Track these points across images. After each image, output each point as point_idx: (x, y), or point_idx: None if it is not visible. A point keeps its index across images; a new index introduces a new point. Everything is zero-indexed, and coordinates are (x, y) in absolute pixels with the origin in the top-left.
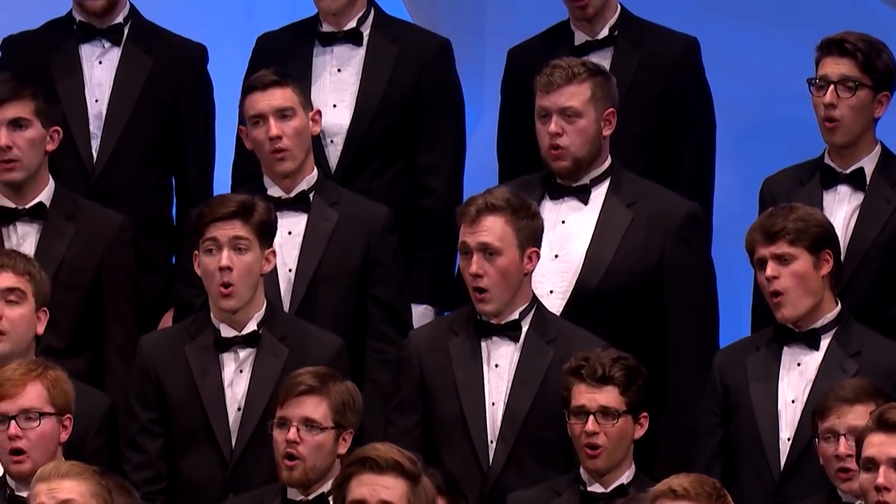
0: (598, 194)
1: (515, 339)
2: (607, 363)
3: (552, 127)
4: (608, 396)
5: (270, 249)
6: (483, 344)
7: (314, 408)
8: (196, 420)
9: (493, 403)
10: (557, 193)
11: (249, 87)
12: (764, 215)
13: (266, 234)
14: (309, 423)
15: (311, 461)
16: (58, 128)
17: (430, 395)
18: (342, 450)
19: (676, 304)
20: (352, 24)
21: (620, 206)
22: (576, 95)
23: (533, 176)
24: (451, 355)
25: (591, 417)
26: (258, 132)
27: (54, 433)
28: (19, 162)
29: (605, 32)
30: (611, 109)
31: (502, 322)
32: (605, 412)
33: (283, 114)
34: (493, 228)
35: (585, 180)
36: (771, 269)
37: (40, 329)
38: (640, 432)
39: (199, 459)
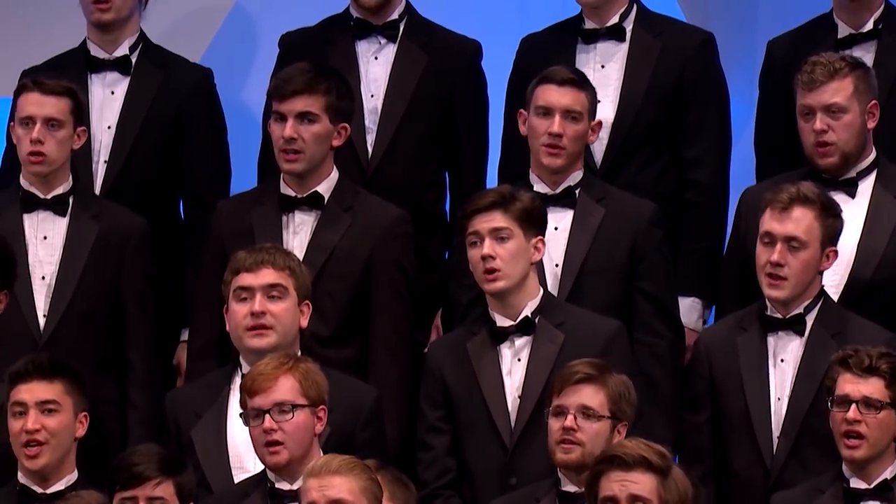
0: (866, 187)
1: (801, 333)
2: (875, 355)
3: (818, 124)
4: (873, 387)
5: (538, 238)
6: (770, 339)
7: (591, 396)
8: (478, 410)
9: (779, 399)
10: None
11: (545, 78)
12: None
13: (530, 222)
14: (586, 411)
15: (590, 447)
16: (346, 124)
17: (718, 392)
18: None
19: None
20: (614, 19)
21: (889, 197)
22: (840, 91)
23: (794, 172)
24: (738, 351)
25: (854, 406)
26: (540, 122)
27: (309, 424)
28: (302, 154)
29: (869, 25)
30: (874, 102)
31: (788, 316)
32: (867, 402)
33: (570, 114)
34: (802, 221)
35: (852, 173)
36: None
37: (304, 322)
38: None
39: (480, 448)
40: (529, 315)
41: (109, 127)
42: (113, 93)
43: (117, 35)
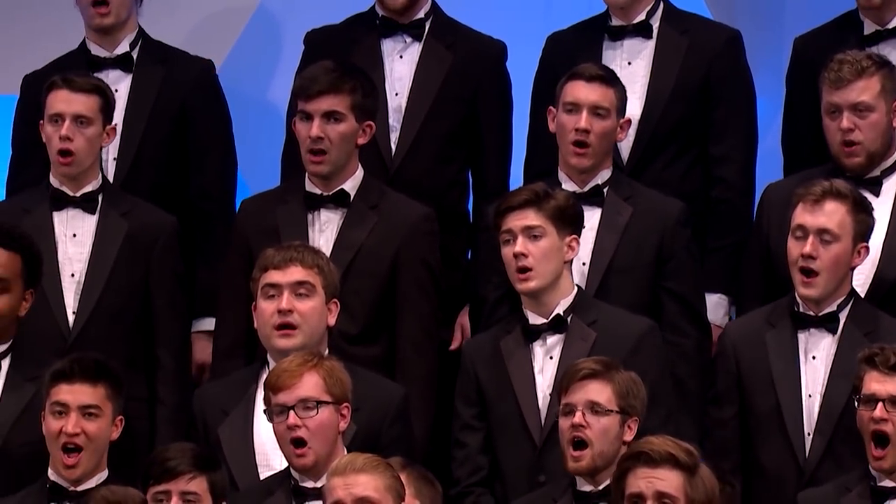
0: (890, 185)
1: (833, 331)
2: None
3: (844, 123)
4: None
5: (573, 237)
6: (800, 336)
7: (598, 391)
8: (509, 408)
9: (810, 396)
10: None
11: (574, 74)
12: None
13: (564, 220)
14: (594, 407)
15: (599, 446)
16: (371, 122)
17: (745, 388)
18: (628, 437)
19: None
20: (641, 16)
21: None
22: (867, 90)
23: (817, 169)
24: (767, 347)
25: (881, 405)
26: (568, 119)
27: (333, 422)
28: (328, 155)
29: (894, 23)
30: None
31: (820, 313)
32: (894, 401)
33: (597, 111)
34: (835, 214)
35: (876, 172)
36: None
37: (331, 320)
38: None
39: (511, 445)
40: (562, 313)
41: (116, 124)
42: (116, 90)
43: (117, 34)
